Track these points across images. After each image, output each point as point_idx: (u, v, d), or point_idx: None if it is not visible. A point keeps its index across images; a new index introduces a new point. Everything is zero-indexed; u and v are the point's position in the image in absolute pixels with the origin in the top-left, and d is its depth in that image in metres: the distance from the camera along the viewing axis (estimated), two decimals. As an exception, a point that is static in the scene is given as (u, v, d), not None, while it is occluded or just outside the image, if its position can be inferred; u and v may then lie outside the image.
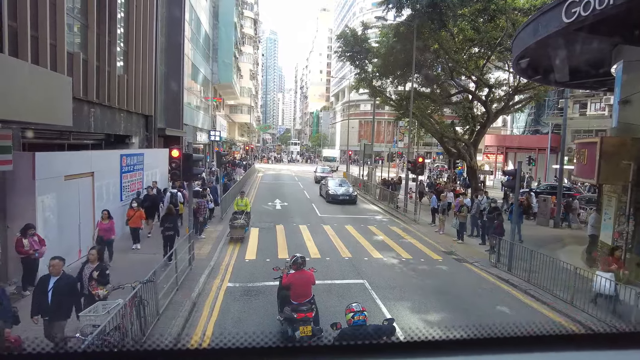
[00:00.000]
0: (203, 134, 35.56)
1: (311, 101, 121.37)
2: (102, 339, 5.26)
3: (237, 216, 14.23)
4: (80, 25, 12.21)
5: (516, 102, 24.50)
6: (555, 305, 9.10)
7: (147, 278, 7.21)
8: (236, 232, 13.69)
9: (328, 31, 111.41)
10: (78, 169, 10.88)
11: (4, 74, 6.58)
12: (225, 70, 42.34)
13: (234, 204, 15.41)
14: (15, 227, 8.38)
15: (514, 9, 19.27)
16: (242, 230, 13.72)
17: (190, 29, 28.30)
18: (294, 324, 6.36)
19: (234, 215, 14.33)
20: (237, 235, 13.67)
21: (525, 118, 41.92)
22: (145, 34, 16.76)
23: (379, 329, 5.09)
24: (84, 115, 11.89)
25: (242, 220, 13.93)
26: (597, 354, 1.23)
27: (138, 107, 16.21)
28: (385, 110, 53.38)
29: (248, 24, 62.56)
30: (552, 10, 9.95)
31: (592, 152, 10.70)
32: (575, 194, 23.50)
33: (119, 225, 12.31)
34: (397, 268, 11.73)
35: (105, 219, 10.58)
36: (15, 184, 8.63)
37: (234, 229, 13.72)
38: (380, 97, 28.25)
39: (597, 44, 10.87)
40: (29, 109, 7.26)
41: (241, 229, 13.70)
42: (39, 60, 9.42)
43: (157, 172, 17.34)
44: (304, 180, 37.36)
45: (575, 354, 1.22)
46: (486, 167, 41.89)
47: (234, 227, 13.71)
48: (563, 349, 1.24)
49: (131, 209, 12.13)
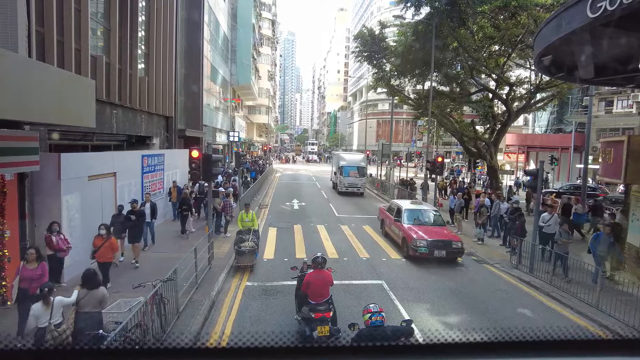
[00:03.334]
0: (222, 135, 35.99)
1: (329, 101, 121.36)
2: (124, 335, 5.37)
3: (243, 237, 11.21)
4: (103, 29, 12.53)
5: (538, 101, 23.95)
6: (580, 309, 8.86)
7: (167, 276, 7.34)
8: (245, 259, 10.77)
9: (346, 31, 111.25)
10: (101, 170, 11.16)
11: (32, 77, 6.80)
12: (243, 72, 42.74)
13: (238, 221, 12.29)
14: (42, 225, 8.66)
15: (535, 5, 18.81)
16: (251, 257, 10.87)
17: (209, 31, 28.67)
18: (312, 323, 6.37)
19: (239, 237, 11.31)
20: (245, 263, 10.79)
21: (547, 116, 40.93)
22: (165, 37, 17.07)
23: (397, 330, 5.05)
24: (106, 117, 12.19)
25: (251, 242, 11.04)
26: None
27: (159, 108, 16.52)
28: (403, 110, 52.98)
29: (266, 25, 63.00)
30: (576, 5, 9.68)
31: (618, 151, 10.38)
32: (601, 195, 22.82)
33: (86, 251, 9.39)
34: (416, 269, 11.61)
35: (33, 261, 6.82)
36: (41, 184, 8.92)
37: (242, 255, 10.75)
38: (399, 96, 28.05)
39: (624, 39, 10.51)
40: (54, 112, 7.50)
41: (251, 255, 10.86)
42: (64, 63, 9.71)
43: (178, 172, 17.63)
44: (322, 180, 37.37)
45: (599, 359, 1.19)
46: (507, 166, 41.07)
47: (242, 253, 10.74)
48: (587, 354, 1.20)
49: (99, 237, 8.76)
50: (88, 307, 5.89)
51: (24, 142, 7.78)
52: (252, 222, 12.00)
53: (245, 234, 11.34)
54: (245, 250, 10.74)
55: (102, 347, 1.15)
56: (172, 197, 16.04)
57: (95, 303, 5.94)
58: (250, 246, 10.80)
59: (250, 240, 11.07)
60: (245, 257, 10.75)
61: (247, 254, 10.74)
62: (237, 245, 10.94)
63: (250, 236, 11.20)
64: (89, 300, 5.89)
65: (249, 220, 12.02)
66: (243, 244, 10.85)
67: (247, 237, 11.15)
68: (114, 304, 6.44)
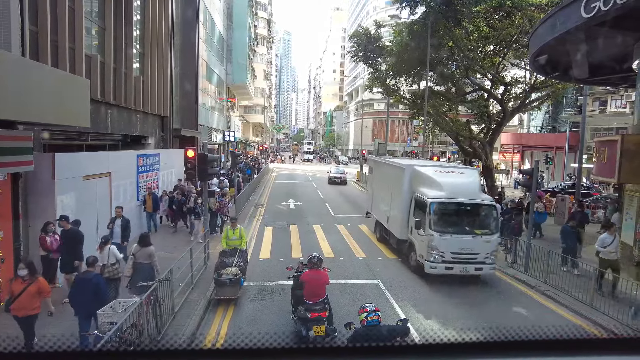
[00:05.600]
0: (218, 134, 35.88)
1: (324, 101, 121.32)
2: (119, 336, 5.35)
3: (225, 261, 8.93)
4: (98, 29, 12.45)
5: (533, 100, 24.08)
6: (575, 307, 8.91)
7: (163, 277, 7.31)
8: (226, 292, 8.41)
9: (341, 30, 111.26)
10: (96, 169, 11.08)
11: (26, 77, 6.75)
12: (239, 71, 42.63)
13: (222, 238, 9.95)
14: (36, 226, 8.59)
15: (530, 5, 18.92)
16: (234, 288, 8.42)
17: (204, 30, 28.57)
18: (308, 323, 6.38)
19: (220, 260, 9.06)
20: (227, 296, 8.45)
21: (542, 116, 41.11)
22: (160, 36, 16.99)
23: (393, 329, 5.05)
24: (101, 117, 12.11)
25: (236, 267, 8.66)
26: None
27: (154, 108, 16.44)
28: (399, 109, 53.06)
29: (262, 24, 62.88)
30: (570, 6, 9.74)
31: (612, 150, 10.44)
32: (595, 194, 22.96)
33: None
34: (412, 268, 11.62)
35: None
36: (35, 184, 8.85)
37: (222, 286, 8.38)
38: (394, 96, 28.09)
39: (618, 39, 10.59)
40: (48, 111, 7.45)
41: (233, 287, 8.39)
42: (58, 63, 9.63)
43: (173, 172, 17.56)
44: (318, 180, 37.37)
45: (595, 359, 1.19)
46: (502, 166, 41.25)
47: (222, 284, 8.36)
48: (582, 353, 1.20)
49: (18, 280, 6.14)
50: (141, 259, 8.03)
51: (17, 141, 7.72)
52: (239, 241, 9.70)
53: (229, 256, 9.12)
54: (227, 280, 8.31)
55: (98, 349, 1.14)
56: (146, 207, 13.57)
57: (146, 256, 8.04)
58: (233, 274, 8.42)
59: (234, 264, 8.76)
60: (226, 289, 8.38)
61: (228, 286, 8.33)
62: (217, 272, 8.55)
63: (235, 259, 8.98)
64: (141, 254, 8.04)
65: (236, 237, 9.67)
66: (224, 271, 8.47)
67: (231, 261, 8.89)
68: (109, 304, 6.41)
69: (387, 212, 13.24)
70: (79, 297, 6.37)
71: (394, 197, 12.58)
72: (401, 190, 11.75)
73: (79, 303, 6.37)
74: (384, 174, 14.52)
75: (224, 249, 9.53)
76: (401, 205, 11.67)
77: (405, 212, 11.49)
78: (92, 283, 6.40)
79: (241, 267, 8.94)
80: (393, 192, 12.70)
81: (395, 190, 12.44)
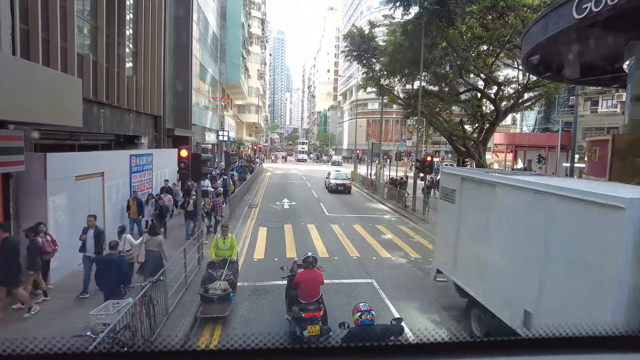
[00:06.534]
0: (211, 134, 35.76)
1: (319, 100, 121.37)
2: (112, 337, 5.31)
3: (213, 274, 8.03)
4: (90, 27, 12.34)
5: (526, 100, 24.25)
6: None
7: (156, 277, 7.27)
8: (213, 309, 7.52)
9: (335, 30, 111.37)
10: (88, 170, 11.00)
11: (16, 76, 6.67)
12: (233, 70, 42.50)
13: (211, 248, 9.12)
14: (27, 226, 8.50)
15: (523, 6, 19.06)
16: (223, 305, 7.52)
17: (198, 29, 28.45)
18: (302, 323, 6.37)
19: (208, 272, 8.20)
20: (214, 314, 7.56)
21: (535, 116, 41.41)
22: (154, 35, 16.89)
23: (387, 328, 5.07)
24: (93, 116, 12.01)
25: (225, 281, 7.77)
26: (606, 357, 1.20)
27: (147, 107, 16.34)
28: (393, 109, 53.13)
29: (256, 23, 62.76)
30: (562, 7, 9.81)
31: (603, 149, 10.54)
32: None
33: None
34: (406, 267, 11.68)
35: None
36: (27, 185, 8.76)
37: (209, 302, 7.47)
38: (388, 95, 28.16)
39: (609, 40, 10.69)
40: (40, 111, 7.37)
41: (221, 304, 7.48)
42: (49, 62, 9.54)
43: (167, 172, 17.47)
44: (312, 179, 37.37)
45: (587, 356, 1.20)
46: (495, 165, 41.52)
47: (209, 300, 7.45)
48: (575, 351, 1.21)
49: None
50: (151, 247, 8.82)
51: (8, 141, 7.64)
52: (230, 251, 8.89)
53: (217, 268, 8.27)
54: (214, 297, 7.39)
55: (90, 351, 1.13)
56: (130, 213, 12.64)
57: (156, 245, 8.86)
58: (222, 289, 7.50)
59: (223, 278, 7.89)
60: (213, 307, 7.45)
61: (216, 303, 7.41)
62: (204, 287, 7.64)
63: (224, 272, 8.10)
64: (152, 242, 8.85)
65: (226, 247, 8.89)
66: (212, 286, 7.56)
67: (220, 274, 8.00)
68: (102, 305, 6.37)
69: (520, 294, 5.90)
70: (104, 276, 7.28)
71: (566, 270, 5.12)
72: (613, 262, 4.46)
73: (104, 281, 7.31)
74: (518, 214, 6.29)
75: (212, 260, 8.73)
76: (601, 293, 4.57)
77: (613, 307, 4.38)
78: (116, 263, 7.36)
79: (231, 280, 8.04)
80: (565, 257, 5.16)
81: (576, 254, 5.00)
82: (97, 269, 7.51)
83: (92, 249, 8.77)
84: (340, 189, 27.84)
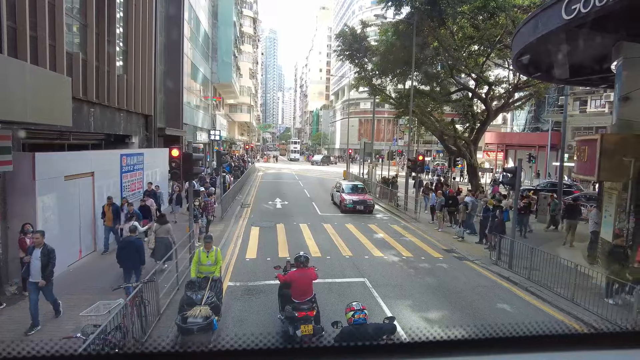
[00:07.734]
0: (203, 134, 35.54)
1: (311, 100, 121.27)
2: (103, 338, 5.26)
3: (192, 297, 6.61)
4: (79, 25, 12.19)
5: (516, 100, 24.50)
6: (557, 303, 9.09)
7: (147, 278, 7.22)
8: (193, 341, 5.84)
9: (327, 30, 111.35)
10: (78, 169, 10.88)
11: (3, 74, 6.57)
12: (224, 70, 42.27)
13: (193, 263, 7.92)
14: (15, 227, 8.39)
15: (513, 6, 19.23)
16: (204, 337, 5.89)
17: (189, 28, 28.25)
18: (295, 322, 6.36)
19: (187, 295, 6.72)
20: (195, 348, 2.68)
21: (525, 115, 41.84)
22: (144, 34, 16.73)
23: (380, 327, 5.08)
24: (83, 116, 11.87)
25: (206, 305, 6.38)
26: (601, 354, 1.22)
27: (138, 106, 16.19)
28: (385, 109, 53.36)
29: (247, 22, 62.48)
30: (552, 7, 9.92)
31: (592, 149, 10.67)
32: (576, 191, 23.45)
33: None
34: (398, 266, 11.73)
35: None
36: (15, 185, 8.63)
37: (188, 334, 5.90)
38: (380, 95, 28.23)
39: (598, 41, 10.83)
40: (28, 110, 7.25)
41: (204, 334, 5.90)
42: (38, 60, 9.40)
43: (158, 171, 17.34)
44: (305, 179, 37.34)
45: (578, 353, 1.21)
46: (486, 164, 41.86)
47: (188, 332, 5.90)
48: (565, 348, 1.22)
49: None
50: (161, 234, 10.21)
51: (-5, 141, 7.52)
52: (214, 267, 7.77)
53: (198, 290, 6.78)
54: (194, 328, 5.89)
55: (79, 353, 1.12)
56: (106, 220, 11.56)
57: (165, 232, 10.25)
58: (203, 316, 6.02)
59: (204, 301, 6.51)
60: (193, 339, 5.85)
61: (196, 334, 5.86)
62: (181, 315, 6.17)
63: (205, 293, 6.72)
64: (161, 230, 10.26)
65: (210, 262, 7.75)
66: (191, 313, 6.07)
67: (200, 296, 6.60)
68: (93, 306, 6.30)
69: None
70: (125, 255, 8.52)
71: None
72: None
73: (125, 259, 8.54)
74: None
75: (191, 279, 7.11)
76: None
77: None
78: (135, 245, 8.59)
79: (214, 304, 6.69)
80: None
81: None
82: (118, 247, 8.90)
83: (38, 274, 6.89)
84: (360, 209, 19.78)
